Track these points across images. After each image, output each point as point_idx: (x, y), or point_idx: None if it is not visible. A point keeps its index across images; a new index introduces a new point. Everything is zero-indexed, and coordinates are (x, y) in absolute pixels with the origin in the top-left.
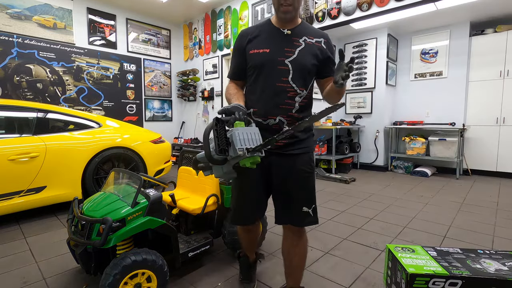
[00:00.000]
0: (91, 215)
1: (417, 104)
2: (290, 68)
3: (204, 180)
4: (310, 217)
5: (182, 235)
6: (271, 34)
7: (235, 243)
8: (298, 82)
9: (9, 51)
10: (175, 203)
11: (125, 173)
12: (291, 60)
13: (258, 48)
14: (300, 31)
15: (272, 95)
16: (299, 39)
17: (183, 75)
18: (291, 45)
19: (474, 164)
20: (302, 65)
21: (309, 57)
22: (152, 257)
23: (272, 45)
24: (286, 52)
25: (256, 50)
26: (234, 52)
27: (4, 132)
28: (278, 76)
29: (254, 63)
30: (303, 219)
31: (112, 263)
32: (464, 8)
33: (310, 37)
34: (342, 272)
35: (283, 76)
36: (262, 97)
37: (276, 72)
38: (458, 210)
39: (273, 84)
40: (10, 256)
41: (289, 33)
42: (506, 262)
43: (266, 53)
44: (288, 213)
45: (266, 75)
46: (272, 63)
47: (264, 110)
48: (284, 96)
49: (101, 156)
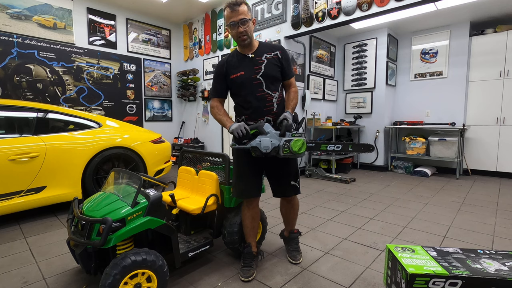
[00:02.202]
0: (91, 215)
1: (417, 104)
2: (262, 81)
3: (204, 180)
4: (296, 188)
5: (182, 235)
6: (241, 60)
7: (235, 243)
8: (270, 88)
9: (9, 51)
10: (175, 203)
11: (125, 173)
12: (261, 75)
13: (235, 73)
14: (259, 51)
15: (256, 103)
16: (261, 57)
17: (183, 75)
18: (257, 63)
19: (474, 164)
20: (270, 75)
21: (272, 68)
22: (152, 257)
23: (244, 68)
24: (256, 70)
25: (234, 75)
26: (216, 77)
27: (4, 132)
28: (256, 88)
29: (237, 84)
30: (291, 190)
31: (112, 263)
32: (464, 8)
33: (269, 53)
34: (342, 272)
35: (259, 87)
36: (250, 106)
37: (253, 86)
38: (458, 210)
39: (254, 95)
40: (10, 256)
41: (253, 56)
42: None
43: (242, 75)
44: (281, 188)
45: (247, 90)
46: (249, 80)
47: (254, 115)
48: (265, 102)
49: (101, 156)
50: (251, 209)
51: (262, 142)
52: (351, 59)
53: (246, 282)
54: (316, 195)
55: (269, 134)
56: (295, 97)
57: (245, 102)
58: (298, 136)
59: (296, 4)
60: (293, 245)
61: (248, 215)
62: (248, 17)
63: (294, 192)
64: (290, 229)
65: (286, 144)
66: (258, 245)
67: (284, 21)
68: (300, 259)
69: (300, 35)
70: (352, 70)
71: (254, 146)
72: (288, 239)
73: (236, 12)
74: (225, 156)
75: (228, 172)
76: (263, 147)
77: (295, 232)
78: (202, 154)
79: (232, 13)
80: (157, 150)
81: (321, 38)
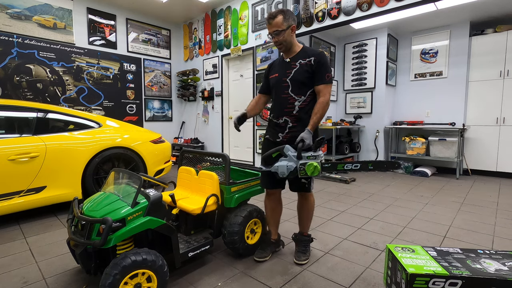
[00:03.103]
0: (91, 215)
1: (417, 104)
2: (289, 84)
3: (204, 180)
4: (305, 187)
5: (182, 235)
6: (280, 64)
7: (235, 243)
8: (296, 92)
9: (9, 51)
10: (175, 203)
11: (125, 173)
12: (289, 78)
13: (272, 74)
14: (296, 57)
15: (279, 103)
16: (296, 62)
17: (183, 75)
18: (290, 68)
19: (474, 164)
20: (297, 80)
21: (302, 73)
22: (152, 257)
23: (279, 70)
24: (287, 73)
25: (272, 75)
26: (263, 76)
27: (4, 132)
28: (282, 90)
29: (271, 84)
30: (302, 188)
31: (112, 263)
32: (464, 8)
33: (304, 59)
34: (342, 272)
35: (285, 89)
36: (275, 105)
37: (281, 88)
38: (458, 210)
39: (279, 96)
40: (10, 256)
41: (289, 60)
42: (506, 262)
43: (276, 77)
44: (294, 185)
45: (276, 90)
46: (279, 82)
47: (276, 114)
48: (286, 103)
49: (101, 156)
50: (270, 200)
51: (279, 168)
52: (351, 59)
53: (258, 262)
54: (316, 195)
55: (288, 157)
56: (319, 110)
57: (273, 101)
58: (313, 159)
59: (296, 4)
60: (301, 247)
61: (267, 205)
62: (282, 28)
63: (303, 190)
64: (301, 230)
65: (302, 167)
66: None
67: None
68: (303, 260)
69: (300, 35)
70: (352, 70)
71: (274, 170)
72: (297, 240)
73: (271, 25)
74: (225, 156)
75: (228, 172)
76: (280, 172)
77: (304, 235)
78: (202, 154)
79: (268, 26)
80: (157, 150)
81: (321, 38)
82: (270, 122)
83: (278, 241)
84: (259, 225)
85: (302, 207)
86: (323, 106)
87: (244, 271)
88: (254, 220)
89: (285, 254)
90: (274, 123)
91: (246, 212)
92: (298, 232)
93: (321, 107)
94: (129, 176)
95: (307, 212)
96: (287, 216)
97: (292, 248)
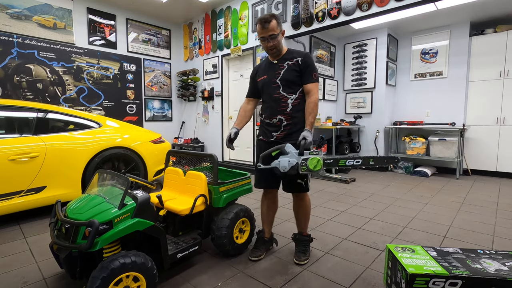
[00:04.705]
0: (75, 218)
1: (417, 104)
2: (279, 84)
3: (191, 180)
4: (303, 187)
5: (170, 236)
6: (267, 66)
7: (224, 245)
8: (287, 91)
9: (9, 51)
10: (162, 204)
11: (111, 175)
12: (279, 79)
13: (261, 76)
14: (283, 58)
15: (272, 103)
16: (284, 63)
17: (183, 75)
18: (278, 69)
19: (474, 164)
20: (286, 79)
21: (290, 73)
22: (141, 259)
23: (267, 72)
24: (276, 74)
25: (260, 78)
26: (250, 80)
27: (4, 132)
28: (273, 90)
29: (260, 86)
30: (298, 188)
31: (100, 265)
32: (464, 8)
33: (291, 60)
34: (342, 272)
35: (276, 90)
36: (267, 106)
37: (272, 89)
38: (458, 210)
39: (271, 97)
40: (10, 256)
41: (276, 62)
42: (506, 262)
43: (265, 79)
44: (289, 186)
45: (267, 92)
46: (269, 84)
47: (269, 114)
48: (279, 102)
49: (101, 156)
50: (266, 199)
51: (280, 162)
52: (351, 59)
53: (253, 261)
54: (316, 195)
55: (289, 154)
56: (313, 110)
57: (265, 103)
58: (315, 154)
59: (296, 4)
60: (301, 247)
61: (264, 203)
62: (277, 32)
63: (299, 190)
64: (300, 230)
65: (304, 162)
66: (271, 233)
67: (284, 21)
68: (303, 260)
69: (300, 35)
70: (352, 70)
71: (274, 166)
72: (297, 240)
73: (266, 29)
74: (213, 156)
75: (216, 172)
76: (281, 167)
77: (304, 235)
78: (190, 155)
79: (263, 30)
80: (157, 150)
81: (321, 38)
82: (262, 122)
83: (271, 239)
84: (247, 223)
85: (298, 208)
86: (315, 105)
87: (244, 271)
88: (242, 220)
89: (285, 254)
90: (266, 123)
91: (232, 214)
92: (298, 232)
93: (314, 106)
94: (115, 177)
95: (304, 212)
96: (287, 216)
97: (292, 248)
